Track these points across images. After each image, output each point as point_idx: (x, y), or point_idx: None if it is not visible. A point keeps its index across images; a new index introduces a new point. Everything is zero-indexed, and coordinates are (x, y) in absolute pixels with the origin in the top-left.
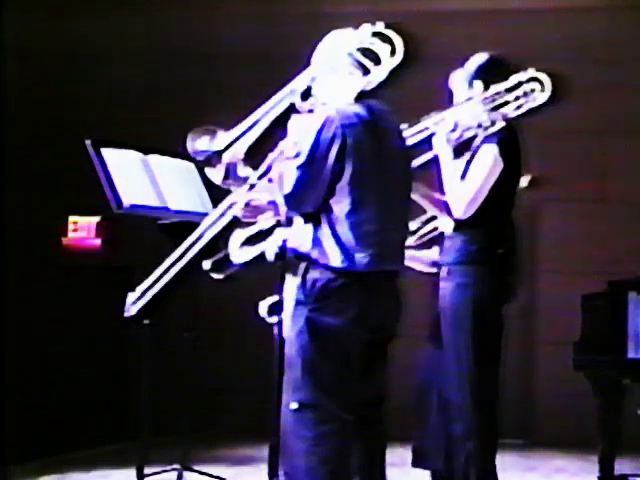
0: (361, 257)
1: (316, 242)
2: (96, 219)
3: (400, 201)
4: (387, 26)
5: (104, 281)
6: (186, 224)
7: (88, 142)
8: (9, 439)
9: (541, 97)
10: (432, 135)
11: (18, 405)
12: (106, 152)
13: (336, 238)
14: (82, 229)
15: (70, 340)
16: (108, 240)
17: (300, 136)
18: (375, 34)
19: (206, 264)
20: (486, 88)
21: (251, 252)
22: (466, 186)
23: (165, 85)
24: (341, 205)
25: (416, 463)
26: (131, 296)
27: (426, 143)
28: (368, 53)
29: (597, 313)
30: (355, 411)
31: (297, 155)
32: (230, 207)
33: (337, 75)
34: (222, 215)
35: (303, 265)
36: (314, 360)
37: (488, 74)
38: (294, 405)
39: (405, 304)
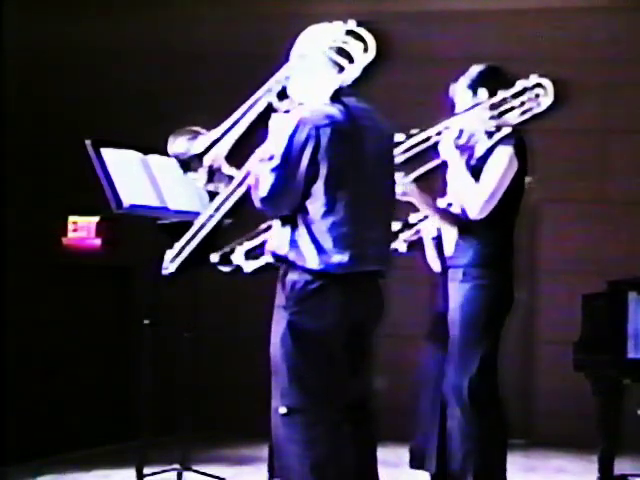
0: (339, 259)
1: (293, 244)
2: (96, 219)
3: (381, 200)
4: (359, 24)
5: (104, 281)
6: (186, 224)
7: (88, 142)
8: (9, 439)
9: (545, 102)
10: (437, 143)
11: (18, 405)
12: (106, 152)
13: (313, 240)
14: (82, 229)
15: (70, 340)
16: (108, 240)
17: (277, 137)
18: (348, 32)
19: (214, 257)
20: (492, 95)
21: (257, 263)
22: (481, 186)
23: (165, 85)
24: (317, 206)
25: (414, 464)
26: (169, 253)
27: (431, 151)
28: (342, 51)
29: (597, 313)
30: (343, 413)
31: (271, 158)
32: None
33: (311, 74)
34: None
35: (282, 268)
36: (299, 364)
37: (492, 81)
38: (283, 410)
39: (400, 304)
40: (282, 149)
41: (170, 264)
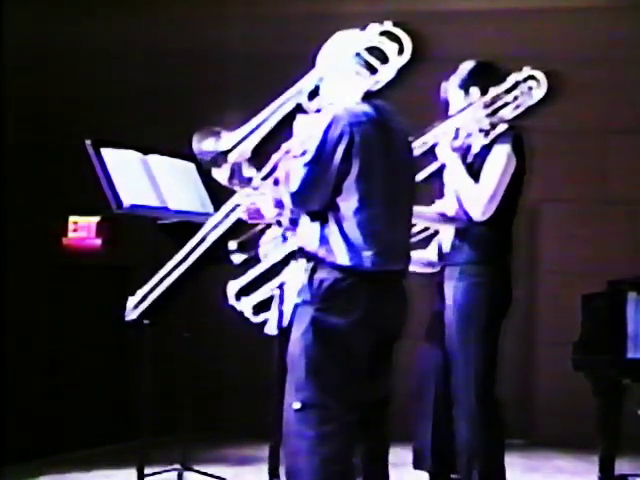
0: (368, 255)
1: (323, 240)
2: (96, 219)
3: (405, 200)
4: (395, 25)
5: (104, 281)
6: (186, 224)
7: (88, 142)
8: (9, 439)
9: (537, 94)
10: (434, 145)
11: (18, 405)
12: (106, 152)
13: (343, 236)
14: (82, 229)
15: (70, 340)
16: (108, 240)
17: (306, 135)
18: (383, 33)
19: (232, 244)
20: (484, 92)
21: (255, 298)
22: (483, 186)
23: (165, 85)
24: (348, 203)
25: (418, 465)
26: (131, 300)
27: (429, 155)
28: (376, 52)
29: (597, 313)
30: (359, 412)
31: (304, 153)
32: (234, 209)
33: (344, 75)
34: (226, 217)
35: (310, 265)
36: (318, 360)
37: (482, 79)
38: (296, 405)
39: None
40: (316, 145)
41: (133, 311)
